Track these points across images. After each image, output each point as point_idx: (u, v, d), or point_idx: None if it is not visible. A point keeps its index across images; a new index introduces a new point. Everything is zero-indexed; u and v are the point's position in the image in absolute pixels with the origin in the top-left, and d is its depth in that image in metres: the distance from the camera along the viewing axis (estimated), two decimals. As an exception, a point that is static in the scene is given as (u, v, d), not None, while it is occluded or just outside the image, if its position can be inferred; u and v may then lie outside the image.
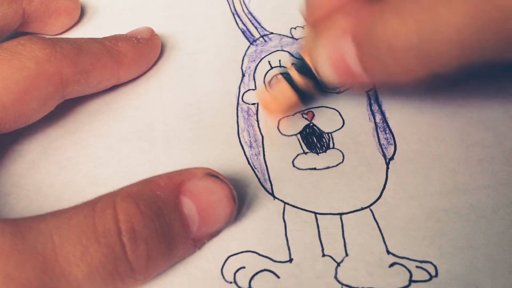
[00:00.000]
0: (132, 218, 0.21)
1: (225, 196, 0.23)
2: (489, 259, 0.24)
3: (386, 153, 0.28)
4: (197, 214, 0.23)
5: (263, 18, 0.35)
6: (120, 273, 0.21)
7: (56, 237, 0.20)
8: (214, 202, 0.23)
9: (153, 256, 0.22)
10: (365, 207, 0.26)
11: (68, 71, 0.26)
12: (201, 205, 0.23)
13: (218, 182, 0.23)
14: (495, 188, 0.26)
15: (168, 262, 0.23)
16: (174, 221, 0.22)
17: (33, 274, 0.19)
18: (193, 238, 0.23)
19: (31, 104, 0.25)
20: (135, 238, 0.21)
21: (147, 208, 0.22)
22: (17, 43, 0.26)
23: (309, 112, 0.29)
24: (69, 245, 0.20)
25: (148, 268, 0.22)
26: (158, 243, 0.22)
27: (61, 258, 0.20)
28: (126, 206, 0.21)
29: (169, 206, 0.22)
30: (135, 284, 0.22)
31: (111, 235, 0.21)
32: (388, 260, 0.24)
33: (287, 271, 0.24)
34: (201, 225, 0.23)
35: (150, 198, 0.22)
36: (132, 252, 0.21)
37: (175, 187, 0.23)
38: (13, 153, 0.28)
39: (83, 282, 0.20)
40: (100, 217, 0.21)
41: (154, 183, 0.23)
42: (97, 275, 0.20)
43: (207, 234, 0.24)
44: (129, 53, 0.29)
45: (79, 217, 0.21)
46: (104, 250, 0.20)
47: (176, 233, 0.22)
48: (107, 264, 0.20)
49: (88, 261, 0.20)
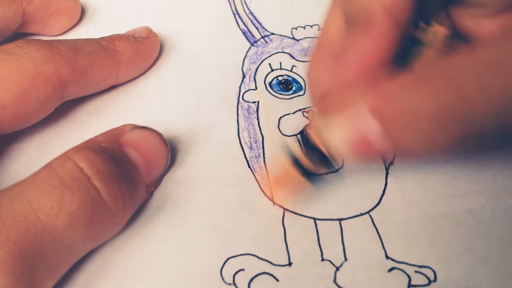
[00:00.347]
0: (94, 163, 0.22)
1: (159, 141, 0.25)
2: (488, 264, 0.24)
3: (385, 158, 0.28)
4: (142, 160, 0.24)
5: (264, 18, 0.35)
6: (99, 216, 0.22)
7: (29, 196, 0.20)
8: (152, 148, 0.25)
9: (125, 196, 0.23)
10: (364, 213, 0.26)
11: (66, 72, 0.26)
12: (143, 152, 0.24)
13: (147, 130, 0.25)
14: (494, 193, 0.26)
15: (134, 206, 0.24)
16: (128, 165, 0.24)
17: (18, 236, 0.20)
18: (143, 184, 0.25)
19: (30, 104, 0.25)
20: (106, 180, 0.22)
21: (103, 153, 0.22)
22: (14, 45, 0.26)
23: (310, 110, 0.29)
24: (44, 199, 0.20)
25: (124, 209, 0.23)
26: (125, 183, 0.23)
27: (40, 214, 0.20)
28: (83, 155, 0.22)
29: (118, 154, 0.23)
30: (113, 228, 0.23)
31: (81, 181, 0.21)
32: (387, 265, 0.24)
33: (287, 274, 0.24)
34: (147, 171, 0.25)
35: (101, 147, 0.23)
36: (107, 193, 0.22)
37: (115, 141, 0.24)
38: (13, 152, 0.28)
39: (65, 232, 0.21)
40: (61, 170, 0.21)
41: (95, 140, 0.24)
42: (78, 221, 0.21)
43: (153, 180, 0.25)
44: (127, 52, 0.29)
45: (41, 176, 0.21)
46: (79, 196, 0.21)
47: (133, 176, 0.24)
48: (85, 208, 0.21)
49: (66, 209, 0.21)
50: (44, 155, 0.27)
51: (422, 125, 0.20)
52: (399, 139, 0.21)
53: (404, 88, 0.20)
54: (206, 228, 0.25)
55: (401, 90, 0.21)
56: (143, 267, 0.24)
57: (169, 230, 0.25)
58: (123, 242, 0.24)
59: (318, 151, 0.23)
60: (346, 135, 0.22)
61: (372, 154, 0.22)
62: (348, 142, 0.22)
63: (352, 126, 0.22)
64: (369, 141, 0.21)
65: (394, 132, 0.21)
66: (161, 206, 0.26)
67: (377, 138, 0.21)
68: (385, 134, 0.21)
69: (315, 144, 0.23)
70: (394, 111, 0.21)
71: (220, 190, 0.26)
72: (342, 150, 0.22)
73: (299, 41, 0.33)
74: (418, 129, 0.20)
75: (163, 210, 0.25)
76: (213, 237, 0.25)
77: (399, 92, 0.21)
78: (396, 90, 0.21)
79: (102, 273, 0.24)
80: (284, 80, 0.31)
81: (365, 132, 0.21)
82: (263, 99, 0.30)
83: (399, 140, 0.21)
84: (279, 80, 0.31)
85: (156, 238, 0.25)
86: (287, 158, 0.24)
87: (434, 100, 0.20)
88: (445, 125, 0.20)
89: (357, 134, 0.21)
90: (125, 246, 0.24)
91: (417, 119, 0.20)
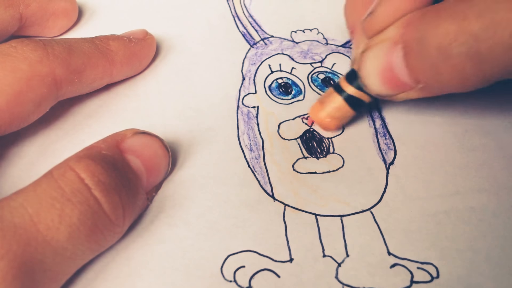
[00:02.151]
0: (95, 173, 0.22)
1: (160, 147, 0.25)
2: (490, 261, 0.24)
3: (386, 158, 0.28)
4: (143, 167, 0.24)
5: (263, 21, 0.35)
6: (99, 227, 0.21)
7: (29, 208, 0.20)
8: (153, 154, 0.25)
9: (126, 206, 0.23)
10: (365, 210, 0.25)
11: (61, 72, 0.26)
12: (144, 159, 0.24)
13: (149, 136, 0.25)
14: (495, 192, 0.26)
15: (135, 215, 0.24)
16: (129, 174, 0.23)
17: (19, 248, 0.19)
18: (144, 191, 0.24)
19: (26, 105, 0.25)
20: (107, 190, 0.22)
21: (104, 163, 0.22)
22: (8, 46, 0.25)
23: (309, 117, 0.29)
24: (45, 212, 0.20)
25: (124, 219, 0.23)
26: (126, 193, 0.23)
27: (41, 226, 0.20)
28: (84, 165, 0.22)
29: (119, 162, 0.23)
30: (114, 237, 0.23)
31: (81, 193, 0.21)
32: (389, 261, 0.24)
33: (288, 270, 0.23)
34: (148, 177, 0.25)
35: (102, 156, 0.23)
36: (108, 204, 0.22)
37: (116, 147, 0.24)
38: (12, 155, 0.27)
39: (66, 244, 0.21)
40: (63, 180, 0.21)
41: (97, 147, 0.23)
42: (79, 233, 0.21)
43: (153, 186, 0.25)
44: (120, 51, 0.29)
45: (42, 186, 0.21)
46: (80, 208, 0.21)
47: (134, 184, 0.23)
48: (85, 220, 0.21)
49: (67, 221, 0.20)
50: (43, 158, 0.27)
51: (431, 54, 0.21)
52: (421, 72, 0.22)
53: (422, 18, 0.22)
54: (206, 226, 0.25)
55: (419, 20, 0.22)
56: (143, 266, 0.23)
57: (169, 229, 0.25)
58: (123, 242, 0.24)
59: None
60: (376, 66, 0.24)
61: (399, 86, 0.24)
62: (377, 73, 0.24)
63: (382, 58, 0.23)
64: (395, 72, 0.23)
65: (416, 64, 0.22)
66: (161, 206, 0.25)
67: (402, 69, 0.23)
68: (407, 66, 0.23)
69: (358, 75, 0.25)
70: (412, 40, 0.22)
71: (220, 188, 0.26)
72: (374, 82, 0.24)
73: (298, 44, 0.33)
74: (428, 58, 0.22)
75: (163, 210, 0.25)
76: (213, 234, 0.24)
77: (417, 21, 0.22)
78: (415, 20, 0.22)
79: (102, 273, 0.23)
80: (284, 84, 0.31)
81: (392, 63, 0.23)
82: (263, 104, 0.30)
83: (421, 73, 0.23)
84: (278, 83, 0.31)
85: (156, 237, 0.24)
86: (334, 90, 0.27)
87: (441, 29, 0.21)
88: (450, 56, 0.21)
89: (385, 66, 0.23)
90: (125, 246, 0.24)
91: (428, 49, 0.21)
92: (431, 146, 0.28)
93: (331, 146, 0.28)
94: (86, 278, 0.23)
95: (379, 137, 0.29)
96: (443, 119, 0.29)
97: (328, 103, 0.28)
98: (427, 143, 0.28)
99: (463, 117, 0.29)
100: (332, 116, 0.28)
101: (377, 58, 0.24)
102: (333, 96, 0.27)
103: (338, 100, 0.27)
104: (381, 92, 0.25)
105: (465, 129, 0.29)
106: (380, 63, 0.24)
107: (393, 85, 0.24)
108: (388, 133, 0.29)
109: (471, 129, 0.29)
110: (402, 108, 0.30)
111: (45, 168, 0.26)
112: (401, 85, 0.24)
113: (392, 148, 0.28)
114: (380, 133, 0.29)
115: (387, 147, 0.28)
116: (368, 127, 0.29)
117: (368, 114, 0.30)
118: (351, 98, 0.27)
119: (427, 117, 0.29)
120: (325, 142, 0.28)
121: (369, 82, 0.25)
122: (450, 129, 0.29)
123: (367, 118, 0.29)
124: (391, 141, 0.28)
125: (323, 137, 0.29)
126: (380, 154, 0.28)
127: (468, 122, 0.29)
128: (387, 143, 0.28)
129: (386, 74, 0.24)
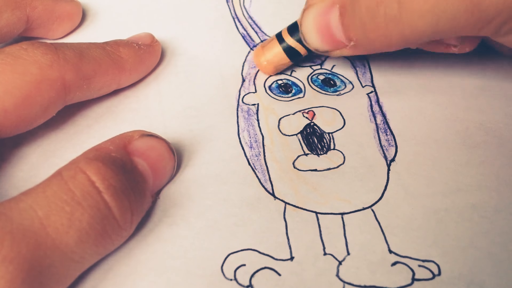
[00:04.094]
0: (106, 176, 0.22)
1: (166, 150, 0.25)
2: (492, 258, 0.24)
3: (387, 155, 0.27)
4: (149, 170, 0.24)
5: (263, 22, 0.35)
6: (108, 231, 0.22)
7: (39, 211, 0.20)
8: (159, 156, 0.25)
9: (134, 209, 0.23)
10: (366, 207, 0.25)
11: (70, 77, 0.26)
12: (150, 161, 0.24)
13: (155, 139, 0.25)
14: (497, 189, 0.26)
15: (141, 217, 0.24)
16: (137, 177, 0.23)
17: (28, 252, 0.19)
18: (150, 194, 0.24)
19: (33, 109, 0.25)
20: (117, 194, 0.22)
21: (114, 166, 0.22)
22: (19, 48, 0.25)
23: (310, 111, 0.29)
24: (54, 215, 0.20)
25: (132, 222, 0.23)
26: (135, 197, 0.23)
27: (50, 229, 0.20)
28: (94, 168, 0.22)
29: (127, 165, 0.23)
30: (120, 241, 0.23)
31: (92, 196, 0.21)
32: (390, 259, 0.24)
33: (288, 269, 0.23)
34: (154, 179, 0.25)
35: (112, 158, 0.23)
36: (118, 208, 0.22)
37: (124, 149, 0.24)
38: (14, 157, 0.27)
39: (75, 248, 0.20)
40: (73, 183, 0.21)
41: (105, 148, 0.23)
42: (88, 237, 0.21)
43: (158, 188, 0.26)
44: (131, 59, 0.29)
45: (52, 188, 0.21)
46: (90, 212, 0.21)
47: (141, 188, 0.23)
48: (95, 224, 0.21)
49: (76, 226, 0.20)
50: (45, 159, 0.27)
51: (361, 13, 0.24)
52: (352, 31, 0.25)
53: None
54: (206, 225, 0.25)
55: None
56: (144, 265, 0.23)
57: (169, 228, 0.25)
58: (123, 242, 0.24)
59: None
60: (315, 22, 0.27)
61: (334, 42, 0.27)
62: (315, 29, 0.27)
63: (320, 15, 0.26)
64: (331, 29, 0.26)
65: (348, 23, 0.25)
66: (161, 206, 0.25)
67: (338, 27, 0.26)
68: (342, 25, 0.26)
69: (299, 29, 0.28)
70: (347, 0, 0.25)
71: (220, 187, 0.26)
72: (311, 37, 0.27)
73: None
74: (358, 17, 0.25)
75: (163, 209, 0.25)
76: (213, 233, 0.24)
77: None
78: None
79: (102, 272, 0.23)
80: (284, 84, 0.31)
81: (329, 21, 0.26)
82: (263, 102, 0.30)
83: (352, 32, 0.26)
84: (278, 84, 0.31)
85: (157, 236, 0.24)
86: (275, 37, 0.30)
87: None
88: (376, 16, 0.24)
89: (323, 23, 0.26)
90: (125, 245, 0.24)
91: (359, 9, 0.24)
92: (432, 143, 0.28)
93: (332, 142, 0.28)
94: (86, 278, 0.23)
95: (380, 133, 0.28)
96: (445, 116, 0.29)
97: (268, 49, 0.30)
98: (429, 140, 0.28)
99: (464, 114, 0.29)
100: (269, 61, 0.30)
101: (317, 16, 0.26)
102: (274, 44, 0.30)
103: (277, 48, 0.30)
104: (318, 47, 0.28)
105: (467, 126, 0.29)
106: (318, 21, 0.26)
107: (329, 42, 0.27)
108: (389, 129, 0.29)
109: (473, 126, 0.29)
110: (403, 104, 0.30)
111: (46, 169, 0.27)
112: (336, 42, 0.27)
113: (393, 145, 0.28)
114: (381, 129, 0.29)
115: (388, 143, 0.28)
116: (369, 123, 0.29)
117: (369, 109, 0.30)
118: (290, 49, 0.30)
119: (428, 114, 0.29)
120: (325, 138, 0.28)
121: (308, 37, 0.28)
122: (452, 126, 0.29)
123: (368, 114, 0.29)
124: (392, 137, 0.28)
125: (324, 132, 0.28)
126: (381, 150, 0.28)
127: (470, 119, 0.29)
128: (388, 139, 0.28)
129: (323, 31, 0.27)
